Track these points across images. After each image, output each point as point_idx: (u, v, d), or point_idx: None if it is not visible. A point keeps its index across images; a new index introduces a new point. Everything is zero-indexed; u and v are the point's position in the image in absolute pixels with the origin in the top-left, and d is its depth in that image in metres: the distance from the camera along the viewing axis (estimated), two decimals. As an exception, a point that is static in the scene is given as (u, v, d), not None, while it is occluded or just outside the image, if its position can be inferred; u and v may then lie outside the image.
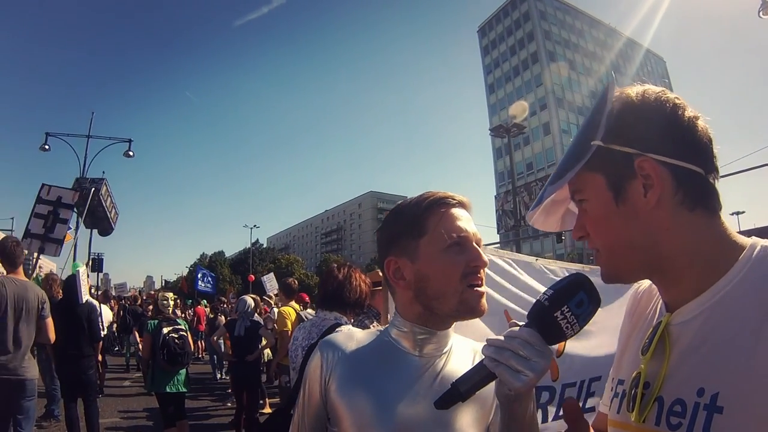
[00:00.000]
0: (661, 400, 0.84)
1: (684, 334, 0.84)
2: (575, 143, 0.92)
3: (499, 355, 0.90)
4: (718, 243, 0.84)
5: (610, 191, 0.88)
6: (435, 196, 1.20)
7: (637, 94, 0.89)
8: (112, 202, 16.87)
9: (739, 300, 0.77)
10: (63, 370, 5.96)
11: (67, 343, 5.67)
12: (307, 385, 1.21)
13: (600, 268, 0.95)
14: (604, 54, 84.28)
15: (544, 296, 0.91)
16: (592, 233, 0.93)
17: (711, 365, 0.77)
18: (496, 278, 2.27)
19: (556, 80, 75.71)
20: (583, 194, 0.92)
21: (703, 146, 0.86)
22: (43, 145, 18.87)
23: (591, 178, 0.90)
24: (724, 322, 0.78)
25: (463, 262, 1.12)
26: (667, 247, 0.85)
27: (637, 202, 0.85)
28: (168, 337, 5.71)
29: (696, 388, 0.78)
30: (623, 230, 0.87)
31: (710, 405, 0.75)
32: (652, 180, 0.83)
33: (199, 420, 6.90)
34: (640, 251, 0.87)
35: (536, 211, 1.03)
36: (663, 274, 0.89)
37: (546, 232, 1.85)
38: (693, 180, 0.84)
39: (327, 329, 2.47)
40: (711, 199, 0.85)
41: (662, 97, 0.87)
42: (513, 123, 26.87)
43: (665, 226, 0.84)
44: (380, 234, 1.26)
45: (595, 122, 0.88)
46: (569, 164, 0.90)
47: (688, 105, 0.88)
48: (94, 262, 11.79)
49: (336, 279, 2.98)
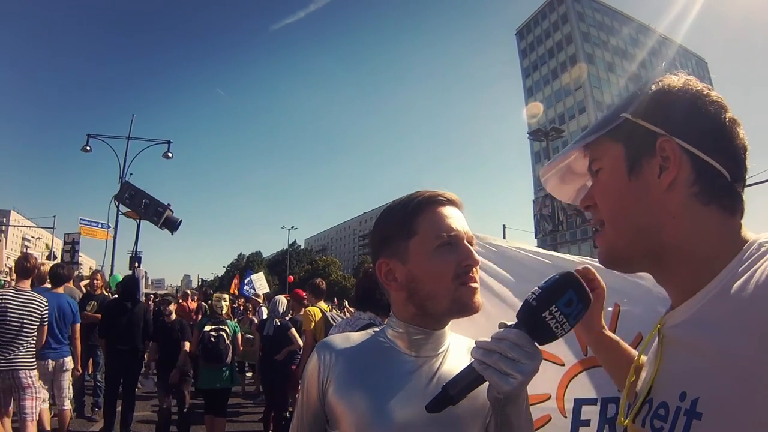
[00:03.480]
0: (650, 403, 0.83)
1: (674, 337, 0.83)
2: (606, 115, 0.91)
3: (488, 357, 0.89)
4: (725, 243, 0.80)
5: (626, 163, 0.86)
6: (423, 195, 1.18)
7: (678, 81, 0.87)
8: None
9: (724, 303, 0.75)
10: (111, 363, 6.38)
11: (119, 338, 6.19)
12: (305, 387, 1.21)
13: (599, 251, 0.93)
14: (643, 56, 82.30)
15: (532, 295, 0.90)
16: (600, 203, 0.91)
17: (693, 370, 0.76)
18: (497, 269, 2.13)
19: (595, 83, 74.24)
20: (601, 162, 0.91)
21: (734, 151, 0.84)
22: (84, 146, 19.20)
23: (611, 146, 0.89)
24: (709, 326, 0.76)
25: (455, 261, 1.11)
26: (670, 235, 0.82)
27: (650, 180, 0.84)
28: (207, 334, 5.93)
29: (678, 392, 0.77)
30: (630, 206, 0.86)
31: (690, 410, 0.73)
32: (670, 163, 0.82)
33: (229, 417, 6.98)
34: (642, 233, 0.85)
35: (551, 168, 1.03)
36: (660, 265, 0.86)
37: (584, 237, 1.77)
38: (714, 177, 0.82)
39: (360, 329, 2.49)
40: (729, 199, 0.82)
41: (704, 91, 0.85)
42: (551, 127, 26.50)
43: (673, 213, 0.82)
44: (372, 235, 1.26)
45: (630, 98, 0.88)
46: (594, 129, 0.90)
47: (729, 107, 0.86)
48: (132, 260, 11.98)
49: (369, 280, 3.01)
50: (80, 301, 7.27)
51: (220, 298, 6.43)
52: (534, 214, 34.96)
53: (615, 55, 79.71)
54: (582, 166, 0.99)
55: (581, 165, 0.99)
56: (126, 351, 6.27)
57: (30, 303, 4.67)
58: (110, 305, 6.79)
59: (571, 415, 1.93)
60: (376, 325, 2.61)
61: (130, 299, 6.60)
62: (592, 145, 0.92)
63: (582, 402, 1.93)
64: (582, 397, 1.93)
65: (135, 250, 11.90)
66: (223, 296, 6.53)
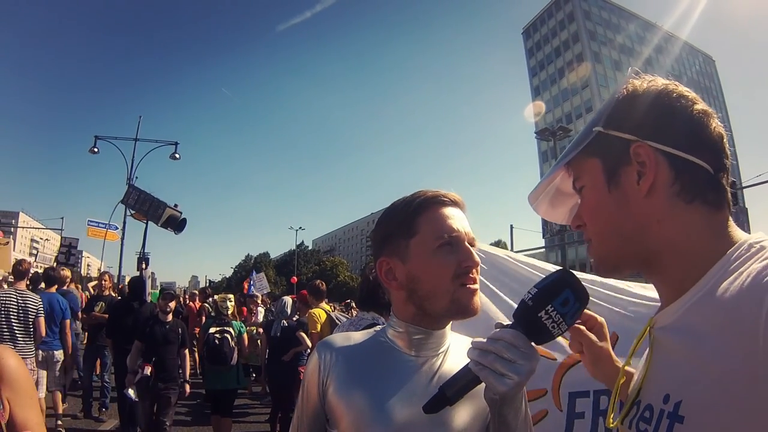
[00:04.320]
0: (638, 405, 0.83)
1: (662, 338, 0.83)
2: (581, 132, 0.91)
3: (483, 358, 0.89)
4: (712, 240, 0.80)
5: (604, 176, 0.86)
6: (425, 195, 1.18)
7: (643, 84, 0.87)
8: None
9: (708, 306, 0.74)
10: (120, 362, 6.38)
11: (126, 338, 6.14)
12: (305, 387, 1.21)
13: (592, 262, 0.93)
14: (650, 54, 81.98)
15: (528, 295, 0.90)
16: (587, 220, 0.91)
17: (676, 372, 0.76)
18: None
19: (602, 82, 74.02)
20: (582, 180, 0.91)
21: (711, 142, 0.83)
22: (92, 148, 19.22)
23: (589, 163, 0.89)
24: (694, 327, 0.75)
25: (455, 262, 1.11)
26: (656, 238, 0.82)
27: (629, 189, 0.83)
28: (212, 336, 5.91)
29: (663, 395, 0.76)
30: (614, 217, 0.86)
31: (673, 413, 0.73)
32: (646, 167, 0.81)
33: (236, 418, 7.01)
34: (630, 241, 0.85)
35: (538, 194, 1.03)
36: (652, 269, 0.86)
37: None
38: (694, 173, 0.81)
39: (363, 329, 2.49)
40: (713, 193, 0.81)
41: (669, 88, 0.85)
42: (559, 126, 26.37)
43: (656, 217, 0.82)
44: (373, 234, 1.26)
45: (602, 111, 0.88)
46: (571, 148, 0.90)
47: (700, 100, 0.85)
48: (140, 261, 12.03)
49: (370, 280, 3.01)
50: (88, 302, 7.50)
51: (225, 298, 6.43)
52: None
53: (622, 53, 79.44)
54: (568, 185, 0.98)
55: (568, 185, 0.98)
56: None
57: (26, 300, 5.55)
58: (117, 305, 6.92)
59: (566, 408, 1.97)
60: (379, 324, 2.63)
61: (137, 299, 6.68)
62: (573, 163, 0.92)
63: (576, 395, 1.98)
64: (575, 390, 1.98)
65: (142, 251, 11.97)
66: (228, 297, 6.53)
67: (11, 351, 1.25)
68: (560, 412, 1.97)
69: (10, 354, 1.24)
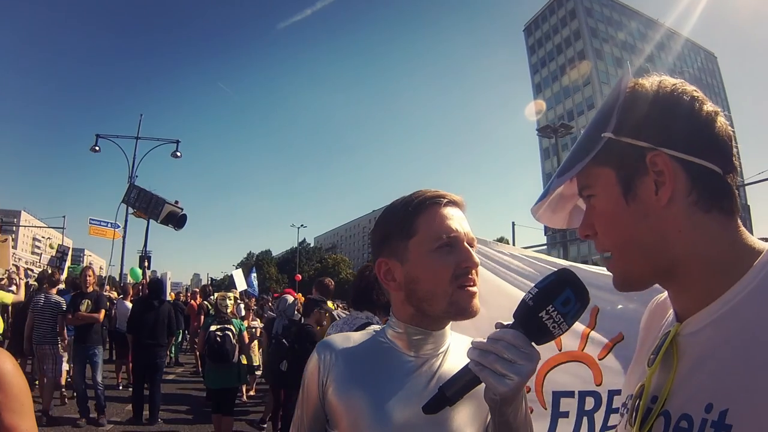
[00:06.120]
0: (666, 415, 0.78)
1: (692, 345, 0.79)
2: (585, 136, 0.87)
3: (483, 358, 0.88)
4: (733, 248, 0.78)
5: (620, 187, 0.82)
6: (424, 195, 1.17)
7: (652, 85, 0.83)
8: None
9: (752, 309, 0.71)
10: (138, 356, 7.28)
11: (145, 333, 7.10)
12: (305, 387, 1.21)
13: (612, 277, 0.89)
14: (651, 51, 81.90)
15: (529, 295, 0.89)
16: (600, 232, 0.87)
17: (720, 379, 0.72)
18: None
19: (603, 79, 73.98)
20: (592, 189, 0.87)
21: (721, 143, 0.80)
22: (93, 146, 19.24)
23: (600, 172, 0.84)
24: (735, 333, 0.72)
25: (453, 263, 1.10)
26: (679, 249, 0.79)
27: (648, 199, 0.79)
28: (213, 334, 5.93)
29: (704, 404, 0.72)
30: (633, 230, 0.81)
31: (718, 422, 0.69)
32: (665, 177, 0.78)
33: (237, 416, 7.01)
34: (651, 253, 0.81)
35: (542, 205, 0.98)
36: (674, 279, 0.82)
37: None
38: (709, 179, 0.78)
39: (357, 328, 2.49)
40: (727, 200, 0.79)
41: (679, 89, 0.81)
42: (560, 123, 26.30)
43: (677, 227, 0.79)
44: (372, 234, 1.25)
45: (606, 114, 0.83)
46: (578, 157, 0.85)
47: (707, 99, 0.82)
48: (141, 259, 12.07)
49: (365, 280, 3.03)
50: (72, 300, 7.08)
51: (225, 296, 6.42)
52: (543, 211, 34.75)
53: (623, 50, 79.41)
54: (570, 189, 0.95)
55: (569, 188, 0.95)
56: (152, 345, 7.12)
57: (58, 304, 7.05)
58: (139, 302, 7.71)
59: (551, 407, 2.04)
60: (373, 324, 2.62)
61: (158, 298, 7.47)
62: (581, 171, 0.87)
63: (561, 395, 2.04)
64: (560, 390, 2.03)
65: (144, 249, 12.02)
66: (228, 295, 6.52)
67: (7, 355, 1.24)
68: (545, 410, 2.02)
69: (6, 358, 1.22)
